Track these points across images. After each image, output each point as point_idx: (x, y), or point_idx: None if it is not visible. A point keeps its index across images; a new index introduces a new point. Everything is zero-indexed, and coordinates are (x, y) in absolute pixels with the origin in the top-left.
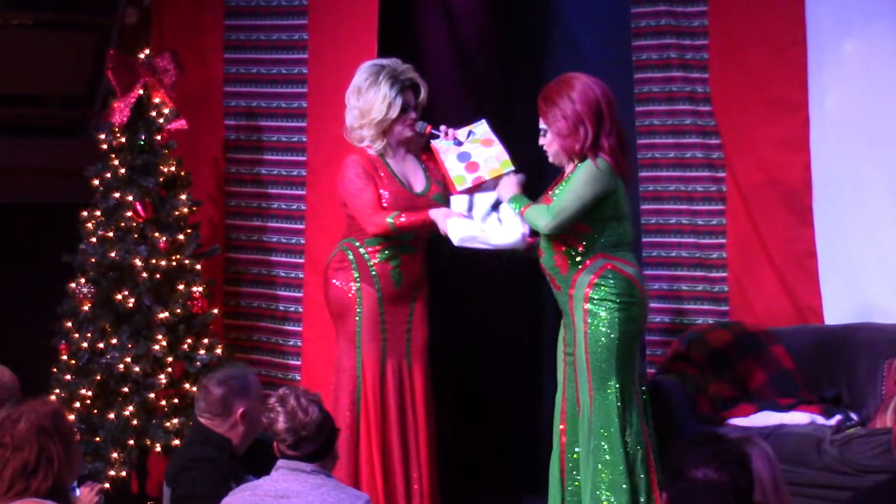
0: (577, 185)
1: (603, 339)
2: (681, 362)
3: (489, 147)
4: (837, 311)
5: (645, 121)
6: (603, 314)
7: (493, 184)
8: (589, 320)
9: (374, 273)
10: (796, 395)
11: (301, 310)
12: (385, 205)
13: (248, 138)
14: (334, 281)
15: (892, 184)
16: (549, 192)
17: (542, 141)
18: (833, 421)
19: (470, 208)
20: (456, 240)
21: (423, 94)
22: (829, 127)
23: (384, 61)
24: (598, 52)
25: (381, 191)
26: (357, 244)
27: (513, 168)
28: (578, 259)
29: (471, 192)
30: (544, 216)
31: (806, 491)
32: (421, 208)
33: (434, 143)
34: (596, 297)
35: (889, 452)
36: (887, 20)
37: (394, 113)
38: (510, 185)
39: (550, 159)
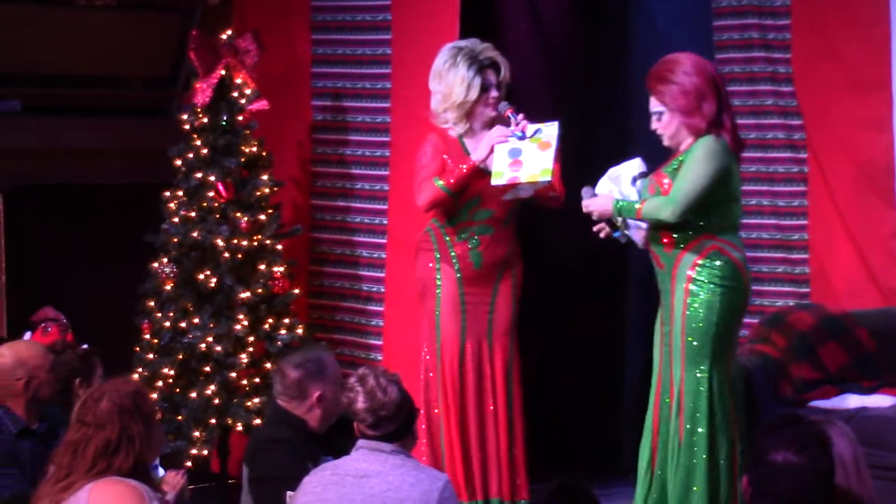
0: (698, 163)
1: (701, 322)
2: (762, 344)
3: (543, 151)
4: None
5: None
6: (703, 296)
7: (528, 187)
8: (689, 301)
9: (453, 254)
10: (879, 377)
11: (383, 290)
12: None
13: (333, 119)
14: (419, 261)
15: None
16: (661, 169)
17: (656, 124)
18: None
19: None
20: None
21: (504, 72)
22: None
23: (462, 43)
24: (678, 32)
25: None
26: (438, 224)
27: (549, 179)
28: (685, 238)
29: (505, 189)
30: (667, 205)
31: (888, 474)
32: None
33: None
34: (699, 278)
35: None
36: None
37: (473, 94)
38: (606, 200)
39: (666, 142)
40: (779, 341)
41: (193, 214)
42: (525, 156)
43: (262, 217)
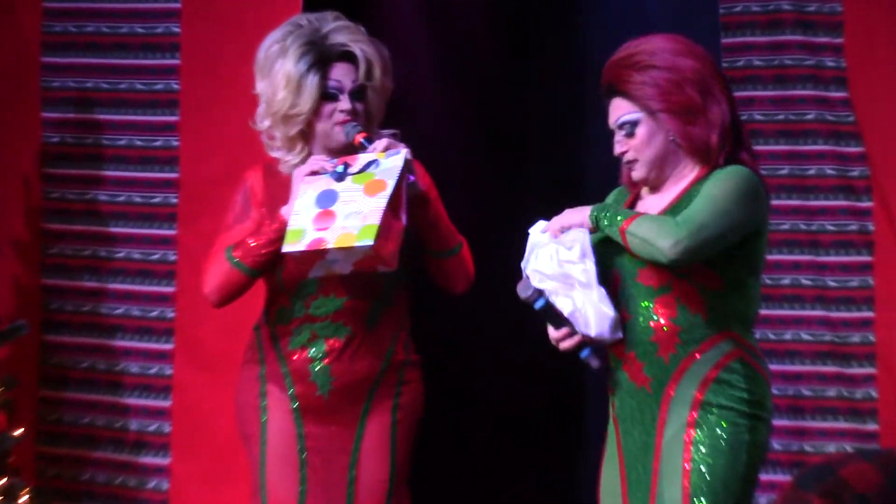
0: (728, 195)
1: (720, 469)
2: None
3: (372, 196)
4: None
5: (742, 114)
6: (723, 430)
7: (342, 257)
8: (697, 439)
9: (285, 370)
10: None
11: (167, 430)
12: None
13: (78, 142)
14: (239, 381)
15: None
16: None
17: (623, 145)
18: None
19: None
20: (530, 273)
21: (366, 69)
22: None
23: (305, 18)
24: (666, 5)
25: None
26: (268, 321)
27: (371, 242)
28: (697, 334)
29: (303, 256)
30: (673, 230)
31: None
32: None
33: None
34: (716, 401)
35: None
36: None
37: (306, 103)
38: (579, 211)
39: (641, 172)
40: None
41: None
42: (339, 205)
43: None
